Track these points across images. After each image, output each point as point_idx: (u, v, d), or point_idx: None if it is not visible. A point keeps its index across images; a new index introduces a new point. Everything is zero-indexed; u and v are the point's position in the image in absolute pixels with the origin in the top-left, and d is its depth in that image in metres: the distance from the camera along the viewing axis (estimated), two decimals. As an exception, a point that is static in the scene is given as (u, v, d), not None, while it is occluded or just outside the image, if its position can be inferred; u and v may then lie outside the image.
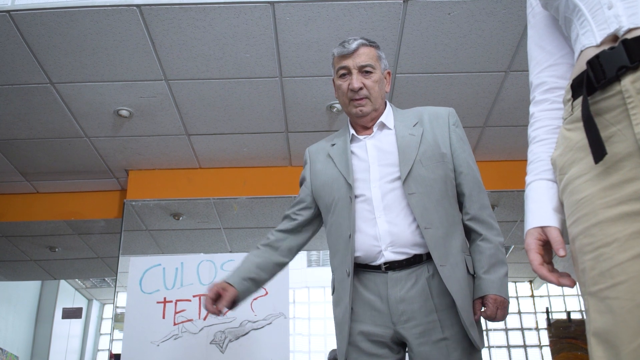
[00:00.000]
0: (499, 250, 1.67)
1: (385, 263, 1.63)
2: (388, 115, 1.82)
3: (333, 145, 1.86)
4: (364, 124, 1.82)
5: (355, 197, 1.71)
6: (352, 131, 1.83)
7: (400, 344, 1.63)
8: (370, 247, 1.65)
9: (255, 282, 1.81)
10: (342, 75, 1.79)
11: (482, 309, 1.61)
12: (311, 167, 1.90)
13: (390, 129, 1.79)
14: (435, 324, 1.56)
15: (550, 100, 1.13)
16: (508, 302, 1.59)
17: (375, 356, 1.61)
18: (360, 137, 1.81)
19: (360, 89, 1.75)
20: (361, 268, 1.68)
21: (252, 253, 1.87)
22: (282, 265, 1.87)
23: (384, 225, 1.65)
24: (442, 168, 1.70)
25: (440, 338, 1.56)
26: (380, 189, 1.69)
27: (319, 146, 1.93)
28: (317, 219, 1.90)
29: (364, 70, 1.76)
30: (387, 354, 1.62)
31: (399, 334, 1.60)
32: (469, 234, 1.73)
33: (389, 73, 1.87)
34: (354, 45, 1.77)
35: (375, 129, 1.80)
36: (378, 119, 1.81)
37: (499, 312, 1.58)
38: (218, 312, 1.72)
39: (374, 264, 1.65)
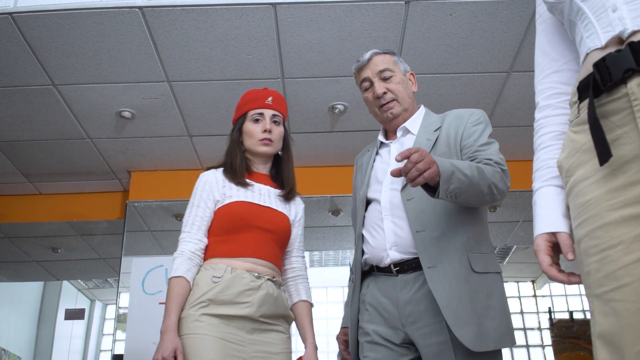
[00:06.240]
0: (483, 171, 1.52)
1: (394, 265, 1.65)
2: (415, 120, 1.84)
3: (368, 151, 1.95)
4: (397, 125, 1.84)
5: (372, 200, 1.78)
6: (381, 138, 1.89)
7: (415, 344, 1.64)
8: (377, 247, 1.69)
9: None
10: (366, 89, 1.85)
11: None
12: (354, 176, 2.00)
13: (413, 134, 1.81)
14: (441, 325, 1.55)
15: (553, 106, 1.14)
16: (436, 167, 1.39)
17: (394, 352, 1.63)
18: (388, 141, 1.86)
19: (385, 93, 1.80)
20: (377, 272, 1.72)
21: None
22: None
23: (390, 226, 1.68)
24: None
25: (446, 339, 1.55)
26: (389, 192, 1.73)
27: (361, 153, 2.01)
28: None
29: (383, 76, 1.81)
30: (405, 352, 1.63)
31: (408, 335, 1.61)
32: None
33: (412, 74, 1.91)
34: (367, 55, 1.84)
35: (399, 134, 1.83)
36: (408, 119, 1.83)
37: (417, 155, 1.38)
38: None
39: (383, 265, 1.68)
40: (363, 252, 1.76)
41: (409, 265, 1.63)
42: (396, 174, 1.43)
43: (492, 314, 1.56)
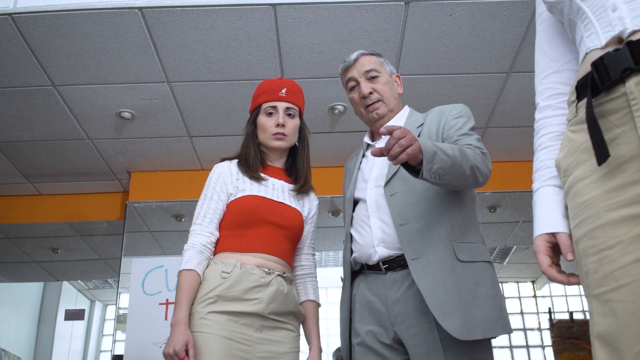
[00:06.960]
0: (465, 153, 1.51)
1: (382, 262, 1.65)
2: (399, 119, 1.85)
3: (356, 155, 1.95)
4: (382, 125, 1.82)
5: (359, 199, 1.78)
6: (367, 140, 1.90)
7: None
8: (365, 244, 1.69)
9: None
10: (352, 88, 1.86)
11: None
12: (343, 181, 2.00)
13: None
14: (430, 324, 1.54)
15: (553, 107, 1.14)
16: (418, 144, 1.38)
17: (382, 356, 1.61)
18: (373, 142, 1.87)
19: (371, 93, 1.80)
20: (366, 270, 1.71)
21: None
22: None
23: (377, 223, 1.68)
24: None
25: (434, 339, 1.53)
26: (374, 190, 1.73)
27: (349, 159, 2.01)
28: None
29: (370, 76, 1.82)
30: (395, 354, 1.61)
31: (397, 334, 1.60)
32: None
33: (398, 76, 1.92)
34: (354, 56, 1.85)
35: None
36: (392, 119, 1.83)
37: (400, 132, 1.36)
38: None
39: (372, 262, 1.67)
40: (352, 252, 1.76)
41: (397, 262, 1.63)
42: (377, 152, 1.41)
43: (480, 303, 1.53)
